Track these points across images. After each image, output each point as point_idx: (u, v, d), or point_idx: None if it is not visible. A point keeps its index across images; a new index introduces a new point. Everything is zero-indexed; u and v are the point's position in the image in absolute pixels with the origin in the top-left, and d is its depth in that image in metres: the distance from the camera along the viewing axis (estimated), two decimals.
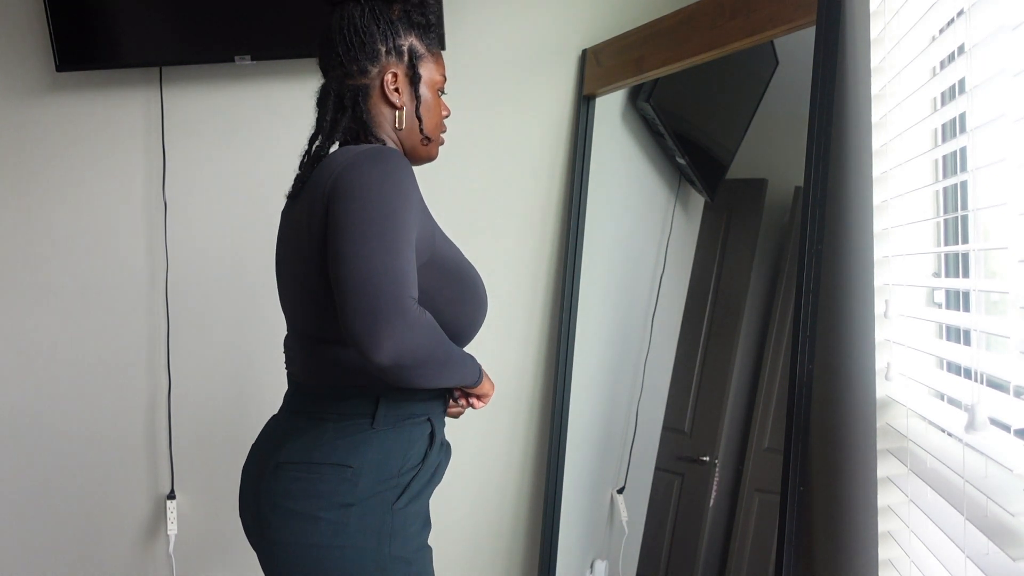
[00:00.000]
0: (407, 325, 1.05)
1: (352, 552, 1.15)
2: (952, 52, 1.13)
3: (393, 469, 1.19)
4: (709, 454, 1.80)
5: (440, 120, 1.31)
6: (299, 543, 1.16)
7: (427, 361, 1.10)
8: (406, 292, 1.06)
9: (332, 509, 1.16)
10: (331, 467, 1.18)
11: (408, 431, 1.21)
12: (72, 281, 2.16)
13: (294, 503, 1.17)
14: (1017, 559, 0.85)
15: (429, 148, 1.31)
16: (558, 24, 2.18)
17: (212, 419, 2.18)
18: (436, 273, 1.20)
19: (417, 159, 1.32)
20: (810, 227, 1.38)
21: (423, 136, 1.29)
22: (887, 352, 1.26)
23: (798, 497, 1.36)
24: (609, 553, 2.06)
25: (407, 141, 1.29)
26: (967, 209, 1.02)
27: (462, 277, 1.24)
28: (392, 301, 1.04)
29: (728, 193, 1.90)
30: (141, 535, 2.19)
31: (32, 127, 2.14)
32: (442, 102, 1.31)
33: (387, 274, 1.05)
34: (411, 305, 1.06)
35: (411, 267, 1.09)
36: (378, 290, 1.04)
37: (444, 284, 1.21)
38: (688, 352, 1.91)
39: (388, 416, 1.20)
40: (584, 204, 2.13)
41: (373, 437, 1.19)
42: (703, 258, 1.91)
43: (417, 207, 1.14)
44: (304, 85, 2.18)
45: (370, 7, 1.25)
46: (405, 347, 1.05)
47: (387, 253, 1.06)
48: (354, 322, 1.04)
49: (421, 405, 1.23)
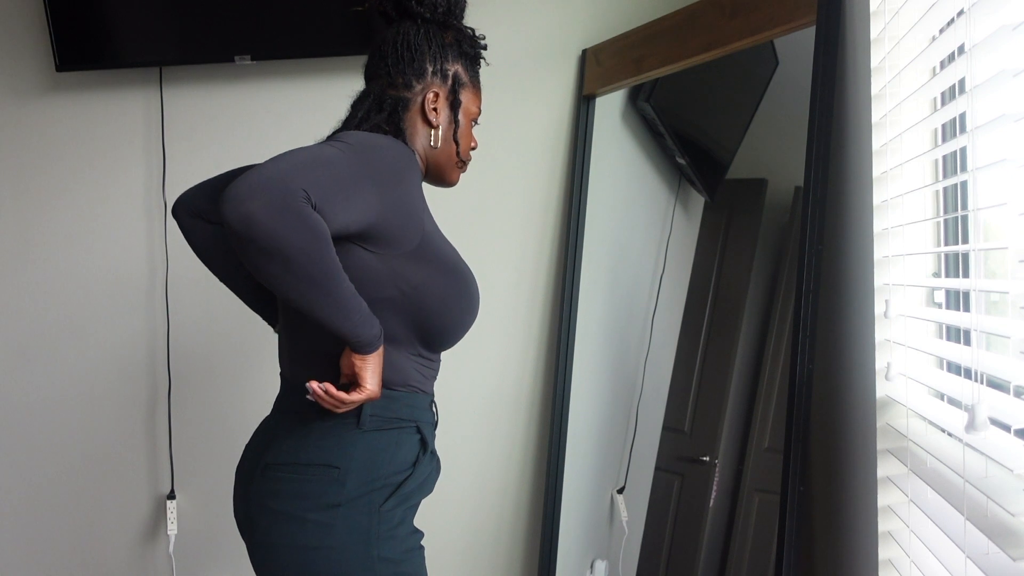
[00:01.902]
0: (283, 202, 0.98)
1: (339, 553, 1.15)
2: (952, 52, 1.13)
3: (380, 471, 1.19)
4: (709, 454, 1.80)
5: (469, 147, 1.35)
6: (286, 544, 1.16)
7: (288, 256, 1.00)
8: (302, 184, 1.00)
9: (319, 510, 1.15)
10: (317, 468, 1.18)
11: (396, 435, 1.21)
12: (72, 281, 2.16)
13: (281, 504, 1.17)
14: (1017, 559, 0.85)
15: (452, 173, 1.34)
16: (558, 24, 2.18)
17: (212, 419, 2.18)
18: (426, 263, 1.19)
19: (438, 179, 1.34)
20: (810, 227, 1.38)
21: (458, 159, 1.33)
22: (887, 352, 1.26)
23: (798, 497, 1.36)
24: (609, 553, 2.06)
25: (433, 160, 1.31)
26: (967, 209, 1.02)
27: (454, 273, 1.23)
28: (282, 177, 1.00)
29: (728, 193, 1.90)
30: (141, 535, 2.19)
31: (32, 127, 2.13)
32: (472, 134, 1.35)
33: (301, 166, 1.03)
34: (299, 193, 1.00)
35: (340, 194, 1.05)
36: (279, 166, 1.02)
37: (434, 277, 1.20)
38: (688, 352, 1.91)
39: (374, 418, 1.19)
40: (584, 204, 2.13)
41: (359, 438, 1.19)
42: (703, 258, 1.91)
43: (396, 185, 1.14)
44: (304, 85, 2.19)
45: (426, 28, 1.28)
46: (264, 220, 0.98)
47: (318, 163, 1.05)
48: (236, 182, 0.99)
49: (407, 409, 1.23)
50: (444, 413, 1.34)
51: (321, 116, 2.22)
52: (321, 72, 2.13)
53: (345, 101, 1.32)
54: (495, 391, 2.21)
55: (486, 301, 2.20)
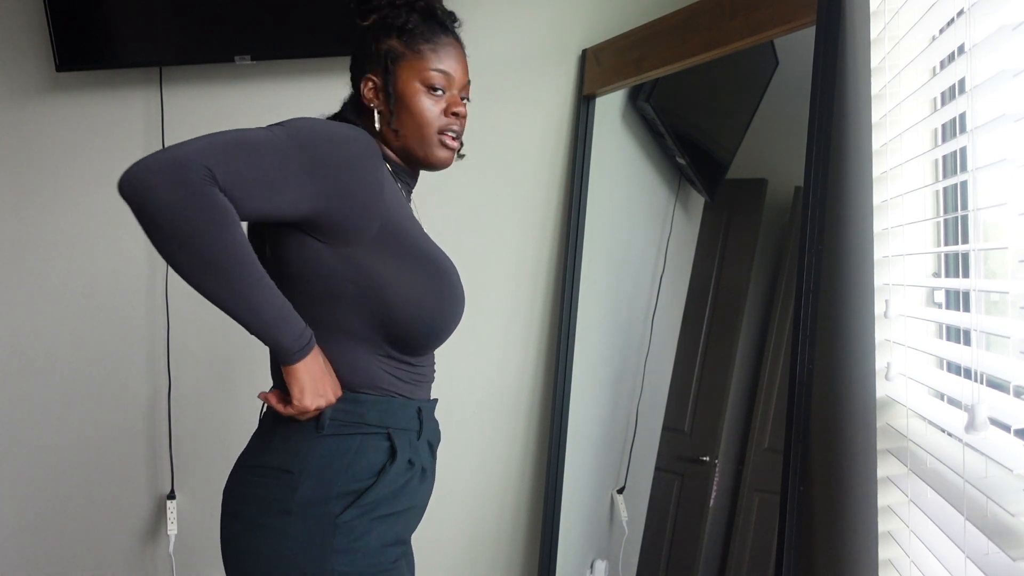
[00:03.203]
0: (179, 178, 0.96)
1: (292, 564, 1.09)
2: (952, 52, 1.13)
3: (337, 478, 1.11)
4: (709, 454, 1.80)
5: (428, 118, 1.19)
6: (242, 547, 1.13)
7: (180, 236, 0.98)
8: (208, 163, 0.98)
9: (273, 516, 1.11)
10: (274, 471, 1.13)
11: (358, 441, 1.13)
12: (72, 281, 2.16)
13: (240, 506, 1.15)
14: (1017, 559, 0.85)
15: (431, 151, 1.21)
16: (558, 24, 2.18)
17: (212, 419, 2.18)
18: (388, 257, 1.11)
19: (422, 163, 1.24)
20: (810, 227, 1.38)
21: (436, 136, 1.21)
22: (887, 352, 1.26)
23: (798, 497, 1.36)
24: (609, 553, 2.06)
25: (400, 145, 1.22)
26: (967, 209, 1.02)
27: (423, 269, 1.14)
28: (186, 154, 0.98)
29: (728, 193, 1.90)
30: (141, 535, 2.19)
31: (32, 127, 2.14)
32: (439, 99, 1.20)
33: (217, 146, 1.00)
34: (200, 171, 0.97)
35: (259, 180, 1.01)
36: (191, 144, 0.99)
37: (397, 272, 1.12)
38: (688, 352, 1.91)
39: (335, 422, 1.13)
40: (584, 204, 2.13)
41: (317, 443, 1.13)
42: (703, 258, 1.91)
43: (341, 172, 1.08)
44: (304, 85, 2.19)
45: (359, 23, 1.24)
46: (155, 195, 0.96)
47: (240, 145, 1.02)
48: (144, 156, 1.00)
49: (376, 414, 1.15)
50: (444, 413, 1.33)
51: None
52: (321, 72, 2.13)
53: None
54: (495, 391, 2.21)
55: (486, 301, 2.21)
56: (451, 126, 1.21)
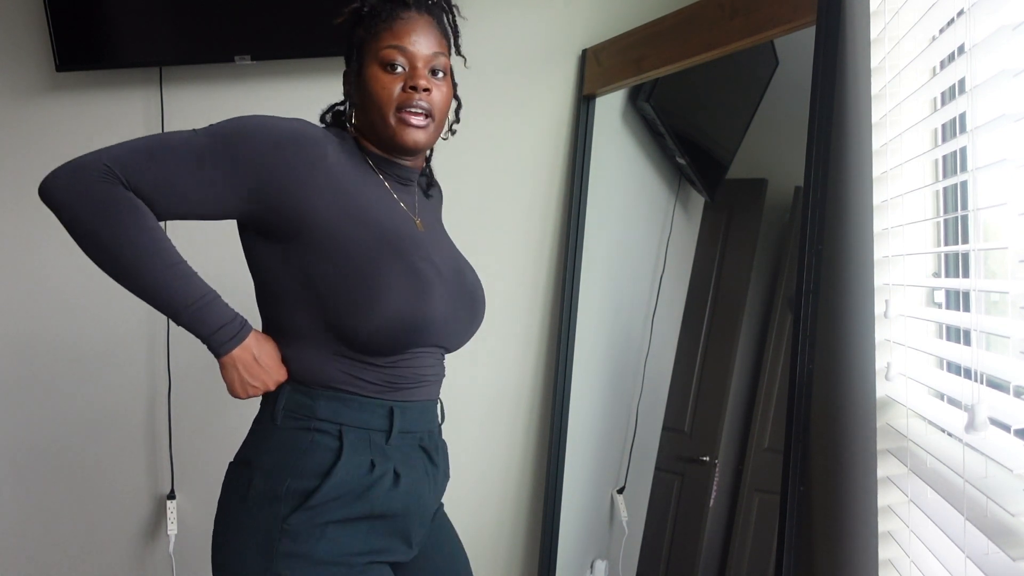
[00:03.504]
0: (78, 175, 1.03)
1: (238, 557, 1.07)
2: (952, 52, 1.13)
3: (286, 474, 1.07)
4: (709, 454, 1.80)
5: (383, 95, 1.14)
6: (215, 535, 1.13)
7: (81, 231, 1.05)
8: (111, 162, 1.03)
9: (233, 507, 1.10)
10: (239, 463, 1.14)
11: (310, 437, 1.09)
12: (72, 281, 2.16)
13: (221, 497, 1.16)
14: (1017, 559, 0.85)
15: (387, 130, 1.15)
16: (558, 24, 2.18)
17: (212, 419, 2.18)
18: (324, 254, 1.08)
19: (388, 146, 1.18)
20: (810, 227, 1.38)
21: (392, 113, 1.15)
22: (887, 352, 1.26)
23: (798, 497, 1.36)
24: (609, 553, 2.06)
25: (370, 130, 1.19)
26: (967, 209, 1.02)
27: (364, 268, 1.07)
28: (95, 155, 1.04)
29: (728, 193, 1.90)
30: (141, 535, 2.19)
31: (32, 127, 2.13)
32: (396, 76, 1.15)
33: (129, 148, 1.05)
34: (101, 169, 1.03)
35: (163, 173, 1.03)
36: (105, 148, 1.05)
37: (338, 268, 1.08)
38: (688, 352, 1.91)
39: (288, 413, 1.10)
40: (584, 204, 2.13)
41: (274, 435, 1.10)
42: (703, 258, 1.91)
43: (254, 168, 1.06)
44: (304, 85, 2.18)
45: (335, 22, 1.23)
46: (58, 192, 1.04)
47: (161, 145, 1.06)
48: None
49: (326, 408, 1.10)
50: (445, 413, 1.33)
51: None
52: (321, 72, 2.12)
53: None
54: (495, 391, 2.21)
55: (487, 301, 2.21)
56: (410, 101, 1.14)
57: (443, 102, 1.19)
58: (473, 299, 1.23)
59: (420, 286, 1.09)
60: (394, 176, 1.22)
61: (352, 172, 1.14)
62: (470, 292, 1.23)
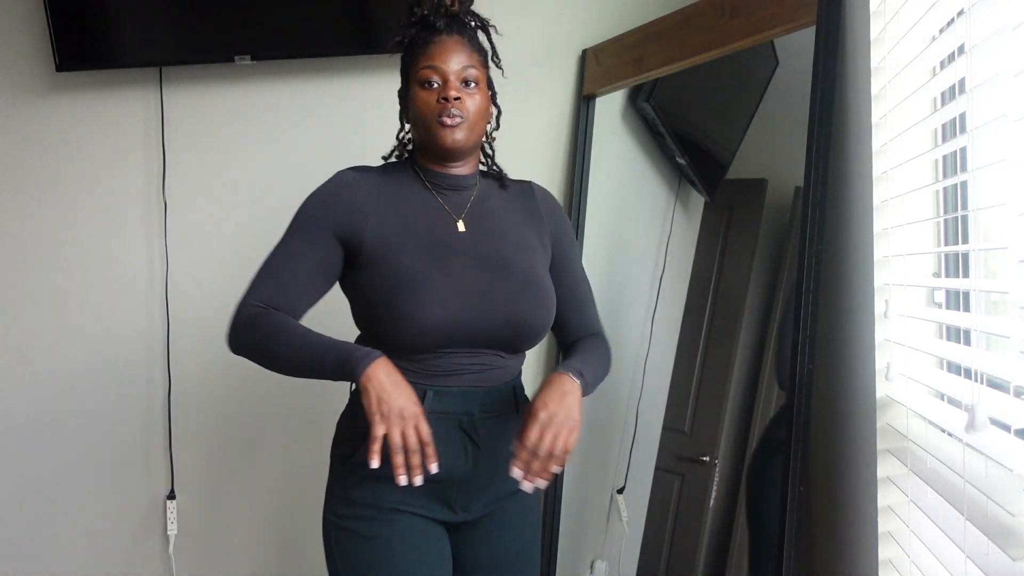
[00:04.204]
0: (234, 319, 1.30)
1: (327, 492, 1.36)
2: (952, 52, 1.13)
3: (344, 431, 1.35)
4: (709, 454, 1.80)
5: (424, 110, 1.32)
6: None
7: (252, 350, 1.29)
8: (248, 298, 1.30)
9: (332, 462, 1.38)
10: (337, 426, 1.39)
11: (358, 409, 1.23)
12: (72, 281, 2.16)
13: None
14: (1017, 559, 0.85)
15: (433, 136, 1.32)
16: (558, 24, 2.18)
17: (212, 419, 2.18)
18: (359, 267, 1.31)
19: (433, 152, 1.35)
20: (810, 227, 1.38)
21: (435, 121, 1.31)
22: (887, 352, 1.26)
23: (798, 497, 1.36)
24: (609, 553, 2.06)
25: (418, 140, 1.38)
26: (967, 209, 1.02)
27: (382, 278, 1.28)
28: (241, 301, 1.31)
29: (728, 193, 1.90)
30: (141, 535, 2.19)
31: (32, 127, 2.13)
32: (432, 91, 1.32)
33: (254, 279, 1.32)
34: (245, 307, 1.29)
35: (275, 276, 1.30)
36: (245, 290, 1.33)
37: (363, 282, 1.30)
38: (688, 352, 1.91)
39: (352, 395, 1.35)
40: (584, 204, 2.13)
41: (344, 410, 1.37)
42: (703, 258, 1.91)
43: (325, 223, 1.30)
44: (304, 85, 2.18)
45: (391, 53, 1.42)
46: (232, 335, 1.30)
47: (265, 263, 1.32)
48: None
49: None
50: None
51: (321, 116, 2.23)
52: (321, 72, 2.13)
53: (345, 101, 1.33)
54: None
55: None
56: (445, 109, 1.30)
57: (476, 107, 1.35)
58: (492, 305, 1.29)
59: (421, 295, 1.25)
60: (444, 184, 1.38)
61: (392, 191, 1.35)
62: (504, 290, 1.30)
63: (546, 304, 1.34)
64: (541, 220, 1.45)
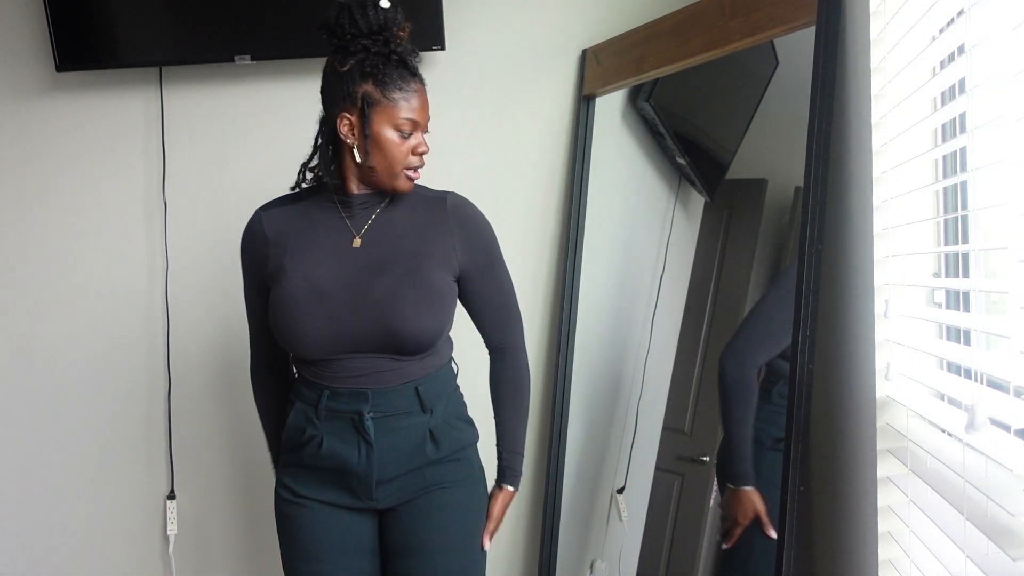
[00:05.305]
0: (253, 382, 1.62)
1: None
2: (952, 52, 1.13)
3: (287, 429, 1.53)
4: (709, 454, 1.80)
5: (399, 158, 1.40)
6: None
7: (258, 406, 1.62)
8: (251, 358, 1.60)
9: None
10: None
11: (292, 406, 1.51)
12: (72, 281, 2.16)
13: None
14: (1017, 559, 0.85)
15: (395, 181, 1.42)
16: (558, 24, 2.18)
17: (212, 419, 2.18)
18: (269, 302, 1.47)
19: (385, 188, 1.45)
20: (810, 227, 1.38)
21: (401, 170, 1.41)
22: (887, 352, 1.26)
23: (798, 497, 1.36)
24: (609, 553, 2.06)
25: (370, 172, 1.42)
26: (967, 209, 1.02)
27: (274, 299, 1.45)
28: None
29: (728, 193, 1.90)
30: (141, 535, 2.19)
31: (32, 127, 2.13)
32: (412, 140, 1.41)
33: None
34: (251, 365, 1.60)
35: (255, 332, 1.57)
36: None
37: (271, 312, 1.46)
38: (688, 352, 1.91)
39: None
40: (584, 204, 2.13)
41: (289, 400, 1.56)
42: (703, 258, 1.91)
43: (250, 269, 1.52)
44: (304, 85, 2.18)
45: (333, 57, 1.44)
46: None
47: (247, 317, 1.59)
48: None
49: (298, 388, 1.51)
50: None
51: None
52: (321, 72, 2.12)
53: None
54: None
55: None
56: (416, 163, 1.43)
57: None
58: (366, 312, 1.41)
59: (291, 312, 1.42)
60: (355, 203, 1.46)
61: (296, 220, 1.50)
62: (382, 295, 1.41)
63: (429, 308, 1.42)
64: (449, 231, 1.47)
